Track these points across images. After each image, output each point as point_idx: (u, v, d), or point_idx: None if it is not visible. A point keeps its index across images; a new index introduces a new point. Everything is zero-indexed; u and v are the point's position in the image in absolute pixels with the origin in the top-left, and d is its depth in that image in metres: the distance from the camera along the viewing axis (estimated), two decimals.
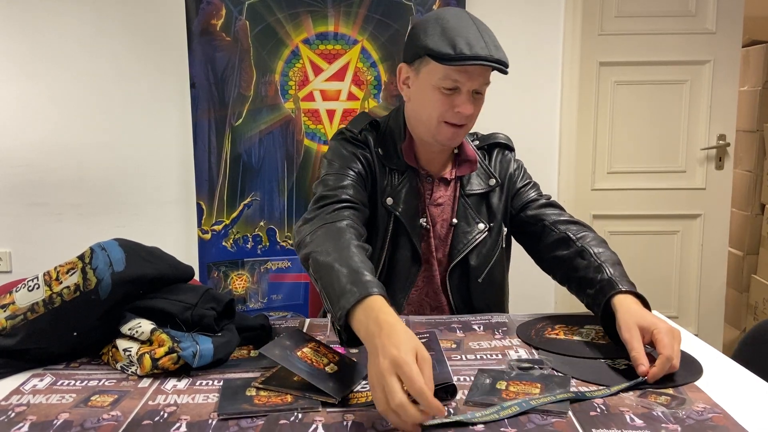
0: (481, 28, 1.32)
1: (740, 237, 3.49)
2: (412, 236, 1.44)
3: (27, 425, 0.96)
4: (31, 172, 2.80)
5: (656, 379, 1.06)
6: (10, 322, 1.17)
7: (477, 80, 1.33)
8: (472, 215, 1.48)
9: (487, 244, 1.49)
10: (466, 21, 1.32)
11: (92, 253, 1.19)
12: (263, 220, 2.70)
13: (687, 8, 2.94)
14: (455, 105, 1.33)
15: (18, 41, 2.73)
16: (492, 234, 1.49)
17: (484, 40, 1.29)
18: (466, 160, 1.49)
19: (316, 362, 1.10)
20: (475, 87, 1.34)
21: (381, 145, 1.45)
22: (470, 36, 1.28)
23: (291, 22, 2.61)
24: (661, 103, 3.00)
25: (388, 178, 1.44)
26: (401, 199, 1.43)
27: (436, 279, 1.50)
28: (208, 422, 0.96)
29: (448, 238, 1.49)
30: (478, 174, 1.50)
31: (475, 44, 1.27)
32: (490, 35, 1.32)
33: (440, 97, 1.33)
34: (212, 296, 1.24)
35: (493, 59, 1.28)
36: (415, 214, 1.45)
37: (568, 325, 1.35)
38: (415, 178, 1.46)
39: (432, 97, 1.34)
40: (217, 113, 2.61)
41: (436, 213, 1.48)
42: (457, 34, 1.28)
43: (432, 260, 1.50)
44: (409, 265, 1.46)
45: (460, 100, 1.33)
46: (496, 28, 2.93)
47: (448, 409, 0.99)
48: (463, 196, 1.48)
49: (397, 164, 1.44)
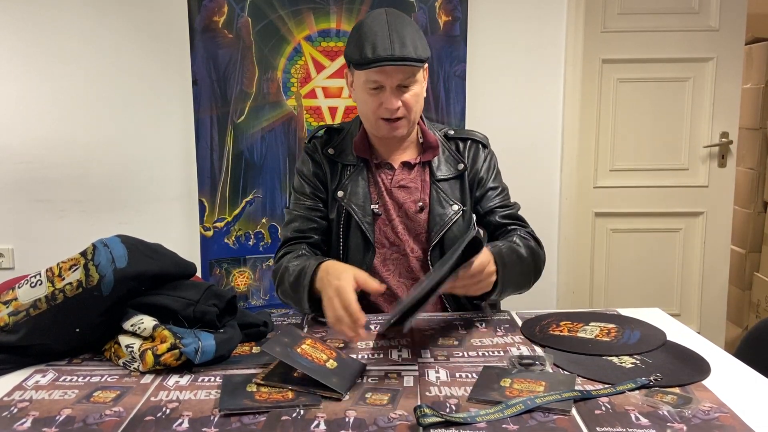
0: (394, 28, 1.40)
1: (743, 235, 3.48)
2: (361, 223, 1.53)
3: (29, 421, 0.97)
4: (34, 169, 2.80)
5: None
6: (12, 319, 1.17)
7: (395, 77, 1.41)
8: (445, 198, 1.55)
9: (461, 225, 1.55)
10: (379, 24, 1.41)
11: (95, 250, 1.19)
12: (265, 217, 2.70)
13: (690, 5, 2.93)
14: (382, 102, 1.44)
15: (21, 39, 2.73)
16: (465, 216, 1.56)
17: (390, 39, 1.38)
18: (429, 146, 1.57)
19: (317, 358, 1.10)
20: (397, 83, 1.42)
21: (335, 145, 1.58)
22: (377, 39, 1.39)
23: (293, 19, 2.61)
24: (664, 101, 2.99)
25: (340, 173, 1.56)
26: (349, 189, 1.54)
27: (410, 260, 1.56)
28: (210, 418, 0.97)
29: (422, 221, 1.55)
30: (447, 160, 1.57)
31: (378, 46, 1.38)
32: (401, 34, 1.39)
33: (369, 97, 1.45)
34: (214, 293, 1.24)
35: (396, 57, 1.37)
36: (363, 201, 1.54)
37: (573, 322, 1.35)
38: (366, 168, 1.56)
39: (365, 98, 1.47)
40: (219, 110, 2.61)
41: (401, 196, 1.55)
42: (366, 39, 1.40)
43: (399, 243, 1.55)
44: (361, 251, 1.54)
45: (385, 97, 1.43)
46: (498, 26, 2.94)
47: (450, 406, 0.99)
48: (434, 182, 1.55)
49: (349, 159, 1.56)
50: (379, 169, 1.56)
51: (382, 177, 1.56)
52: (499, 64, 2.82)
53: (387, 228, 1.55)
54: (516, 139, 2.84)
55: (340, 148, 1.58)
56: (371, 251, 1.53)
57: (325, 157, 1.57)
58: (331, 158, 1.57)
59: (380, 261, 1.56)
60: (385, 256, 1.56)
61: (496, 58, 2.81)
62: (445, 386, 1.07)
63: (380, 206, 1.55)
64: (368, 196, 1.54)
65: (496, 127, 2.86)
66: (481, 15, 2.76)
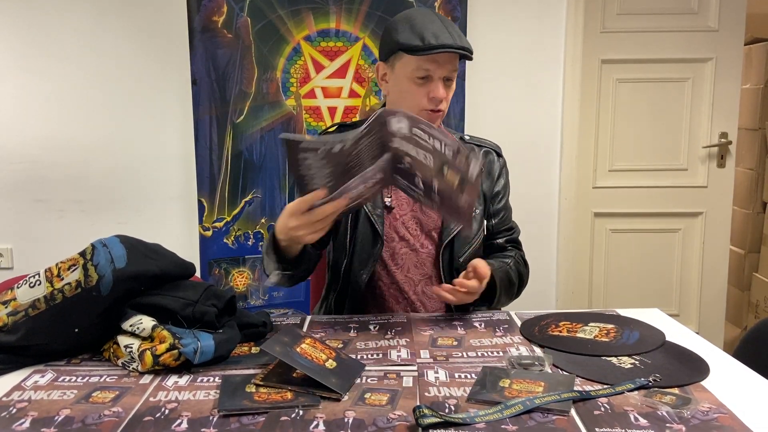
0: (446, 23, 1.45)
1: (742, 235, 3.48)
2: (371, 215, 1.53)
3: (28, 421, 0.96)
4: (33, 169, 2.80)
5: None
6: (11, 319, 1.17)
7: (446, 67, 1.45)
8: None
9: (474, 226, 1.57)
10: (431, 17, 1.46)
11: (94, 250, 1.19)
12: (264, 217, 2.70)
13: (689, 6, 2.93)
14: (429, 91, 1.46)
15: (20, 39, 2.73)
16: (477, 217, 1.59)
17: (448, 31, 1.42)
18: None
19: (316, 358, 1.10)
20: (445, 74, 1.46)
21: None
22: (436, 28, 1.42)
23: (292, 18, 2.61)
24: (663, 101, 2.99)
25: None
26: None
27: (421, 256, 1.56)
28: (209, 418, 0.96)
29: (436, 218, 1.56)
30: None
31: (440, 35, 1.41)
32: (455, 28, 1.46)
33: (415, 88, 1.46)
34: (213, 293, 1.24)
35: (458, 46, 1.41)
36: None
37: (572, 322, 1.35)
38: None
39: (408, 88, 1.47)
40: (218, 110, 2.61)
41: None
42: (425, 28, 1.42)
43: (409, 238, 1.55)
44: (370, 242, 1.54)
45: (433, 86, 1.46)
46: (498, 26, 2.93)
47: (449, 407, 0.99)
48: None
49: None
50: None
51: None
52: (498, 64, 2.82)
53: (398, 222, 1.55)
54: (515, 139, 2.84)
55: None
56: (380, 243, 1.53)
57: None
58: None
59: (389, 255, 1.55)
60: (394, 250, 1.55)
61: (496, 58, 2.81)
62: (444, 386, 1.07)
63: (394, 200, 1.55)
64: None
65: (495, 126, 2.87)
66: (480, 15, 2.76)
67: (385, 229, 1.54)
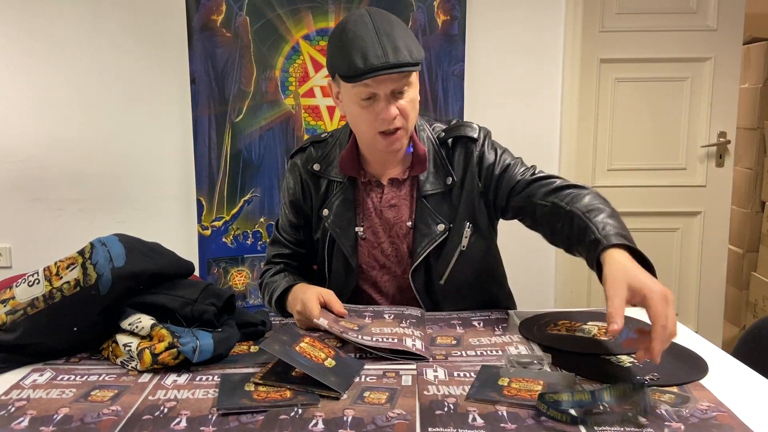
0: (382, 31, 1.25)
1: (740, 234, 3.48)
2: (343, 247, 1.45)
3: (27, 420, 0.96)
4: (32, 168, 2.80)
5: (659, 354, 0.97)
6: (10, 317, 1.17)
7: (388, 85, 1.27)
8: (431, 216, 1.42)
9: (446, 246, 1.43)
10: (364, 29, 1.26)
11: (92, 249, 1.19)
12: (263, 217, 2.70)
13: (688, 5, 2.93)
14: (377, 113, 1.30)
15: (17, 37, 2.72)
16: (451, 235, 1.43)
17: (381, 44, 1.24)
18: (418, 160, 1.42)
19: (315, 357, 1.10)
20: (391, 88, 1.28)
21: (321, 159, 1.47)
22: (366, 46, 1.24)
23: (291, 18, 2.61)
24: (662, 101, 2.99)
25: (326, 189, 1.46)
26: (333, 210, 1.45)
27: (403, 280, 1.47)
28: (208, 417, 0.96)
29: (408, 240, 1.45)
30: (436, 173, 1.43)
31: (370, 54, 1.23)
32: (392, 37, 1.25)
33: (363, 111, 1.31)
34: (212, 292, 1.24)
35: (390, 65, 1.23)
36: (348, 224, 1.44)
37: (571, 321, 1.35)
38: (352, 187, 1.44)
39: (357, 112, 1.33)
40: (217, 109, 2.61)
41: (391, 215, 1.44)
42: (353, 48, 1.25)
43: (390, 264, 1.47)
44: (343, 275, 1.47)
45: (380, 107, 1.29)
46: (497, 26, 2.92)
47: (449, 405, 0.99)
48: (421, 198, 1.42)
49: (335, 174, 1.45)
50: (368, 187, 1.45)
51: (372, 196, 1.45)
52: (497, 64, 2.82)
53: (376, 251, 1.46)
54: (514, 138, 2.81)
55: (326, 162, 1.46)
56: (353, 275, 1.46)
57: (310, 174, 1.47)
58: (316, 174, 1.46)
59: (370, 284, 1.50)
60: (375, 279, 1.49)
61: (495, 58, 2.81)
62: (443, 385, 1.07)
63: (366, 228, 1.45)
64: (353, 219, 1.45)
65: (494, 126, 2.84)
66: (479, 14, 2.76)
67: (364, 258, 1.47)
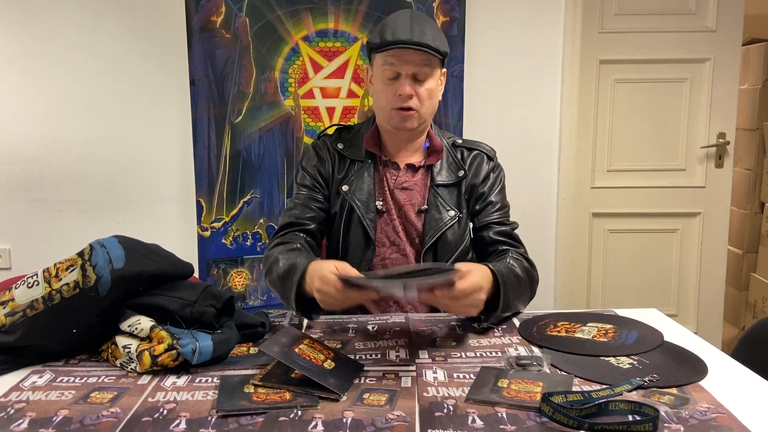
0: (417, 21, 1.45)
1: (740, 235, 3.48)
2: (363, 218, 1.53)
3: (26, 422, 0.96)
4: (31, 169, 2.80)
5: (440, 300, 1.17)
6: (9, 319, 1.17)
7: (409, 64, 1.45)
8: (443, 203, 1.55)
9: (456, 232, 1.55)
10: (403, 16, 1.47)
11: (92, 250, 1.19)
12: (263, 218, 2.69)
13: (687, 6, 2.93)
14: (396, 90, 1.47)
15: (17, 37, 2.72)
16: (461, 223, 1.56)
17: (411, 27, 1.43)
18: (433, 150, 1.58)
19: (314, 359, 1.10)
20: (412, 71, 1.45)
21: (345, 141, 1.61)
22: (398, 26, 1.44)
23: (291, 19, 2.61)
24: (661, 101, 3.00)
25: (347, 168, 1.57)
26: (355, 184, 1.55)
27: (409, 262, 1.56)
28: (207, 419, 0.96)
29: (418, 224, 1.55)
30: (449, 166, 1.58)
31: (399, 31, 1.43)
32: (422, 26, 1.44)
33: (386, 88, 1.49)
34: (212, 293, 1.24)
35: (413, 42, 1.42)
36: (368, 197, 1.54)
37: (570, 323, 1.35)
38: (374, 165, 1.57)
39: (381, 88, 1.50)
40: (216, 110, 2.61)
41: (402, 197, 1.56)
42: (387, 26, 1.46)
43: (400, 242, 1.56)
44: (362, 247, 1.54)
45: (399, 84, 1.46)
46: (496, 27, 2.93)
47: (448, 407, 0.99)
48: (434, 186, 1.56)
49: (357, 155, 1.58)
50: (386, 167, 1.57)
51: (387, 176, 1.57)
52: (496, 65, 2.82)
53: (388, 227, 1.56)
54: (513, 140, 2.84)
55: (350, 143, 1.60)
56: (371, 248, 1.53)
57: (335, 152, 1.59)
58: (340, 153, 1.58)
59: (379, 260, 1.55)
60: (384, 255, 1.55)
61: (494, 59, 2.82)
62: (442, 387, 1.07)
63: (384, 204, 1.55)
64: (373, 193, 1.55)
65: (493, 127, 2.88)
66: (478, 15, 2.76)
67: (377, 234, 1.54)
